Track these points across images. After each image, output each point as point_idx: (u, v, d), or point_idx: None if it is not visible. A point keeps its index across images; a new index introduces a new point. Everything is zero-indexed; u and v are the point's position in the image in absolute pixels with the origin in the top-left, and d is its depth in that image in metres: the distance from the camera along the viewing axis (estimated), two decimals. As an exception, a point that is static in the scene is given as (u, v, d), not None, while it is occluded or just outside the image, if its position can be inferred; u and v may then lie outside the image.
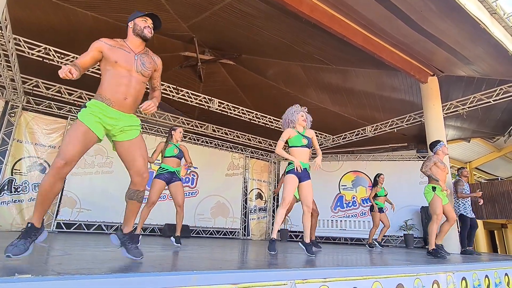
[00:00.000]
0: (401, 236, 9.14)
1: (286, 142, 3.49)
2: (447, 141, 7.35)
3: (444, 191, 4.17)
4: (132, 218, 2.17)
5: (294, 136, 3.42)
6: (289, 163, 3.40)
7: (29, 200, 6.86)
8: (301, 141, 3.40)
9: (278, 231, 3.98)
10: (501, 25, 4.69)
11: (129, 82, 2.09)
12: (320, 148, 10.86)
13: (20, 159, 6.93)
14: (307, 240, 3.37)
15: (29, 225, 1.91)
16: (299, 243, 3.53)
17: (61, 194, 7.16)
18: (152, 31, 2.24)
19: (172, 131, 4.39)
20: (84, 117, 1.97)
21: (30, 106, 7.24)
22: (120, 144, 2.09)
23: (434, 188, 4.18)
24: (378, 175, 6.49)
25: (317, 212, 5.24)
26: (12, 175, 6.77)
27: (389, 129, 8.60)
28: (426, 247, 8.38)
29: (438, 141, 4.53)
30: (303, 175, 3.34)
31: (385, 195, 6.47)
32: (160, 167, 4.22)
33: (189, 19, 6.79)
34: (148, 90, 2.39)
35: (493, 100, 6.58)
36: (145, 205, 3.98)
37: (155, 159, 4.21)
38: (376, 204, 6.32)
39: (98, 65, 2.17)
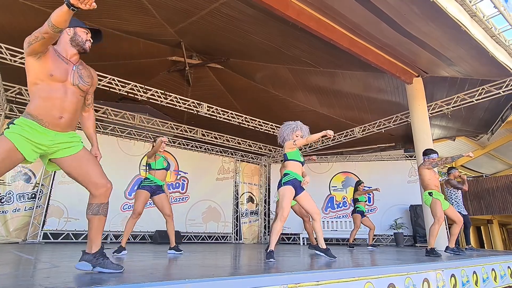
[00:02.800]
0: (391, 235, 9.27)
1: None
2: (433, 140, 7.51)
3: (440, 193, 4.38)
4: (99, 235, 1.98)
5: (294, 150, 3.47)
6: (285, 175, 3.37)
7: (14, 211, 6.68)
8: (299, 157, 3.47)
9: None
10: (481, 27, 4.84)
11: (64, 96, 1.87)
12: (310, 149, 10.85)
13: (3, 169, 6.73)
14: (324, 246, 3.39)
15: None
16: (316, 251, 3.56)
17: (47, 204, 7.00)
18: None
19: (154, 143, 4.12)
20: (12, 135, 1.75)
21: (13, 114, 7.06)
22: (61, 161, 1.89)
23: (431, 193, 4.37)
24: (359, 183, 6.82)
25: (308, 217, 5.25)
26: (-5, 185, 6.58)
27: (376, 129, 8.73)
28: (417, 245, 8.59)
29: (434, 151, 4.58)
30: (298, 187, 3.36)
31: (365, 201, 6.78)
32: (147, 178, 4.07)
33: (176, 24, 6.77)
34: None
35: (476, 100, 6.76)
36: (131, 217, 3.89)
37: (151, 154, 4.05)
38: (358, 207, 6.59)
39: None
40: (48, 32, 1.73)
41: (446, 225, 6.30)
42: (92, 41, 2.08)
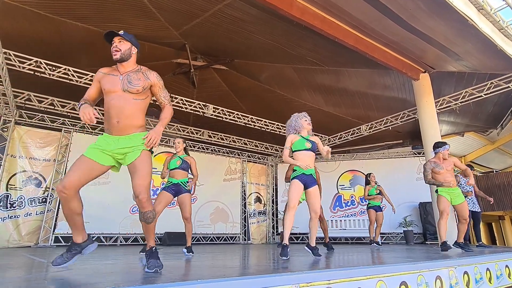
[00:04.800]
0: (401, 233, 9.17)
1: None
2: (441, 136, 7.42)
3: (450, 185, 4.32)
4: (147, 236, 2.20)
5: (297, 140, 3.39)
6: (294, 170, 3.36)
7: (25, 215, 6.78)
8: (304, 144, 3.35)
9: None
10: (489, 20, 4.76)
11: (118, 103, 2.09)
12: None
13: (14, 174, 6.84)
14: (313, 244, 3.38)
15: (70, 241, 2.16)
16: (305, 247, 3.53)
17: (58, 207, 7.09)
18: (122, 46, 2.19)
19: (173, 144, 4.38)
20: (87, 150, 2.10)
21: (23, 120, 7.18)
22: (128, 168, 2.13)
23: (436, 190, 4.41)
24: (369, 175, 6.65)
25: (322, 217, 5.22)
26: (7, 190, 6.68)
27: (383, 127, 8.66)
28: (427, 242, 8.49)
29: (444, 143, 4.48)
30: (309, 181, 3.30)
31: (376, 194, 6.52)
32: (168, 180, 4.21)
33: (180, 27, 6.81)
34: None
35: (484, 94, 6.66)
36: None
37: (165, 175, 4.18)
38: (370, 203, 6.45)
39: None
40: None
41: (456, 218, 6.21)
42: (116, 44, 2.19)
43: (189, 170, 4.30)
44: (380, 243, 6.45)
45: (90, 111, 1.98)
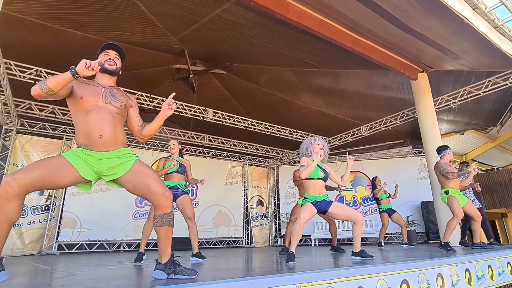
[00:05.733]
0: (404, 233, 9.14)
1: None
2: (441, 135, 7.43)
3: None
4: (168, 246, 1.93)
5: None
6: (305, 198, 3.26)
7: (28, 223, 6.82)
8: (318, 173, 3.25)
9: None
10: (484, 18, 4.80)
11: (99, 115, 1.90)
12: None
13: (17, 183, 6.88)
14: (358, 249, 3.22)
15: None
16: (351, 257, 3.37)
17: (61, 215, 7.12)
18: (117, 62, 2.10)
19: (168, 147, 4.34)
20: (67, 154, 1.85)
21: (24, 129, 7.23)
22: (122, 179, 1.91)
23: (447, 192, 4.33)
24: (374, 178, 6.41)
25: (333, 220, 5.22)
26: (10, 199, 6.71)
27: (383, 127, 8.67)
28: (430, 241, 8.46)
29: (446, 147, 4.60)
30: (323, 206, 3.20)
31: (388, 197, 6.31)
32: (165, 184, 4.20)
33: (179, 33, 6.86)
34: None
35: (483, 92, 6.68)
36: (147, 220, 3.93)
37: (160, 176, 4.14)
38: (381, 207, 6.23)
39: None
40: (43, 96, 1.80)
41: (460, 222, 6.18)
42: (114, 58, 2.09)
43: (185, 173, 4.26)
44: (378, 245, 6.23)
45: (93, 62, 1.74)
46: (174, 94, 2.06)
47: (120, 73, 2.14)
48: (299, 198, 4.72)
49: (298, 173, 3.57)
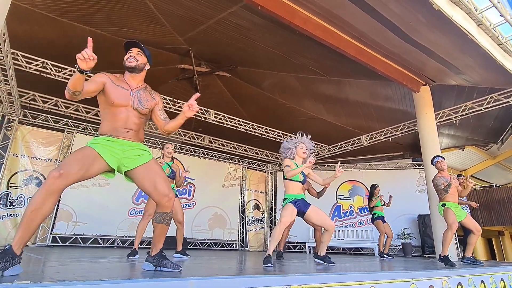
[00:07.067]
0: (399, 245, 9.12)
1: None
2: (441, 149, 7.43)
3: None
4: (160, 241, 2.12)
5: (292, 168, 3.37)
6: (285, 198, 3.37)
7: (25, 214, 6.81)
8: (298, 176, 3.36)
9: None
10: (488, 35, 4.84)
11: (125, 117, 2.07)
12: (316, 158, 10.82)
13: (16, 173, 6.90)
14: (323, 254, 3.39)
15: (7, 247, 1.65)
16: (314, 259, 3.52)
17: (57, 208, 7.12)
18: (139, 57, 2.18)
19: (162, 150, 4.34)
20: (93, 145, 1.95)
21: (27, 120, 7.27)
22: (134, 171, 2.03)
23: (444, 205, 4.37)
24: (374, 187, 6.54)
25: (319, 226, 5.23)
26: (7, 189, 6.73)
27: (384, 138, 8.69)
28: (425, 255, 8.42)
29: (435, 156, 4.71)
30: (302, 206, 3.31)
31: (382, 205, 6.53)
32: None
33: (185, 33, 6.92)
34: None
35: (484, 108, 6.71)
36: (142, 218, 3.95)
37: None
38: (375, 214, 6.39)
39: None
40: (72, 97, 1.92)
41: (456, 235, 6.18)
42: (134, 54, 2.18)
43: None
44: (387, 256, 6.22)
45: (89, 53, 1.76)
46: (198, 95, 2.13)
47: (146, 68, 2.25)
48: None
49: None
